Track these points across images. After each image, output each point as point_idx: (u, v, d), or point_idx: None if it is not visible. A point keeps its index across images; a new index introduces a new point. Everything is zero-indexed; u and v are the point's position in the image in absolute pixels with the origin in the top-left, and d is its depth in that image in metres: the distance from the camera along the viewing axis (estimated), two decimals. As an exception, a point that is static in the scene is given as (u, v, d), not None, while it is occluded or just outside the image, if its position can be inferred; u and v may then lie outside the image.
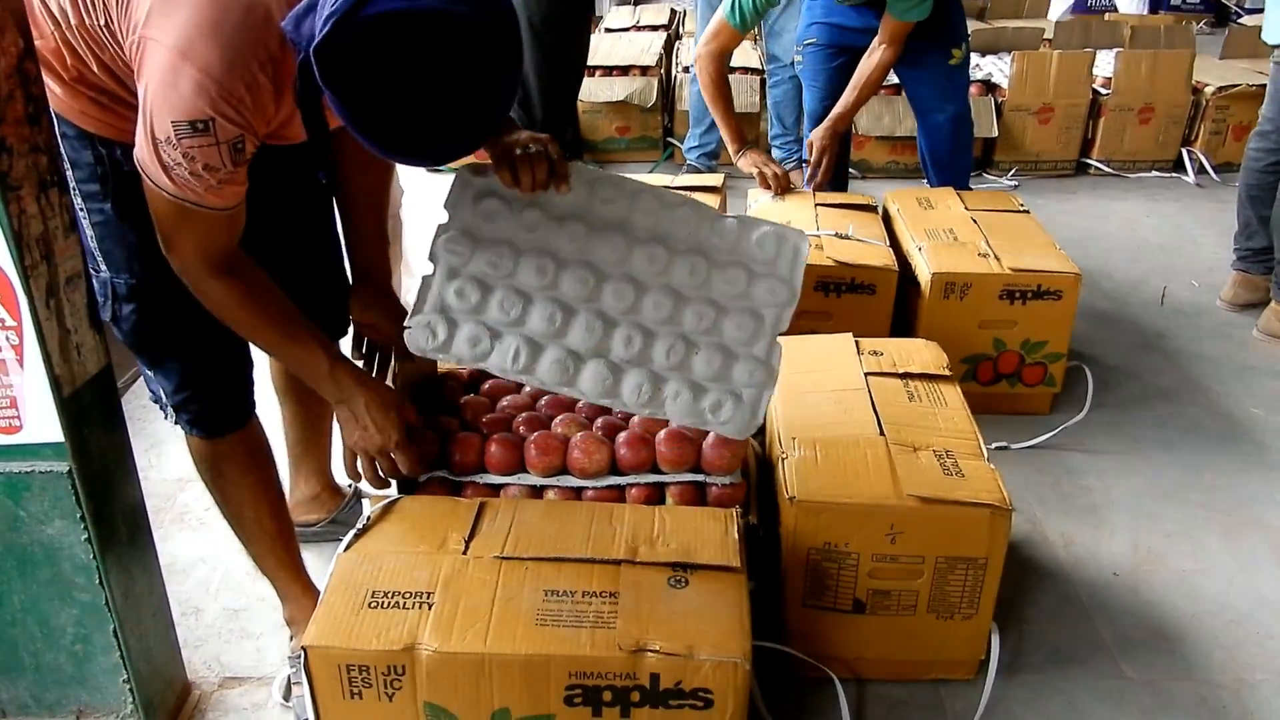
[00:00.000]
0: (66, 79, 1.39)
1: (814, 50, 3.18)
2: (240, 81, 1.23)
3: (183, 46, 1.20)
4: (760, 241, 1.63)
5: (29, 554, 1.49)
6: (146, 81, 1.23)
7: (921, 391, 1.92)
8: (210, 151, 1.24)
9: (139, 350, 1.56)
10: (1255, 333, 3.04)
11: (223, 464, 1.66)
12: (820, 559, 1.67)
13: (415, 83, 1.12)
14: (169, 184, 1.26)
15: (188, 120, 1.21)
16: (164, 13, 1.21)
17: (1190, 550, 2.13)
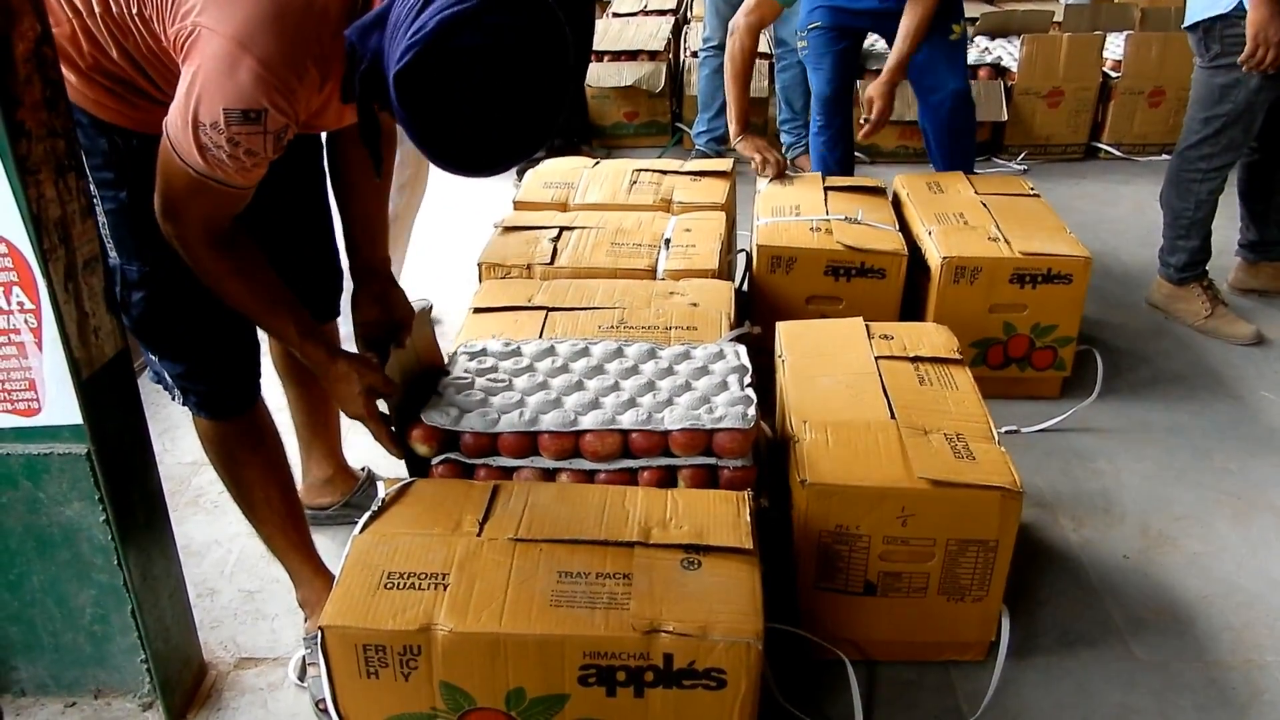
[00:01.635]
0: (83, 68, 1.40)
1: (818, 34, 3.20)
2: (294, 74, 1.27)
3: (242, 37, 1.22)
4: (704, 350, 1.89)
5: (48, 535, 1.50)
6: (198, 66, 1.24)
7: (932, 375, 1.92)
8: (256, 139, 1.27)
9: (145, 336, 1.58)
10: (1144, 304, 3.13)
11: (230, 445, 1.68)
12: (832, 541, 1.68)
13: (488, 111, 1.17)
14: (200, 162, 1.28)
15: (241, 109, 1.24)
16: (223, 3, 1.24)
17: (1200, 533, 2.14)
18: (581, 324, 2.07)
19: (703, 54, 4.16)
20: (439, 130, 1.19)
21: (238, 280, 1.45)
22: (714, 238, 2.44)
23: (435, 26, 1.12)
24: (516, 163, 1.25)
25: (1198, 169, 2.85)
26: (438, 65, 1.14)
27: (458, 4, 1.13)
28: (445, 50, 1.13)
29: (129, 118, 1.44)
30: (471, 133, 1.19)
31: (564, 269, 2.35)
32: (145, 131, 1.43)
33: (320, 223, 1.84)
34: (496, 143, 1.21)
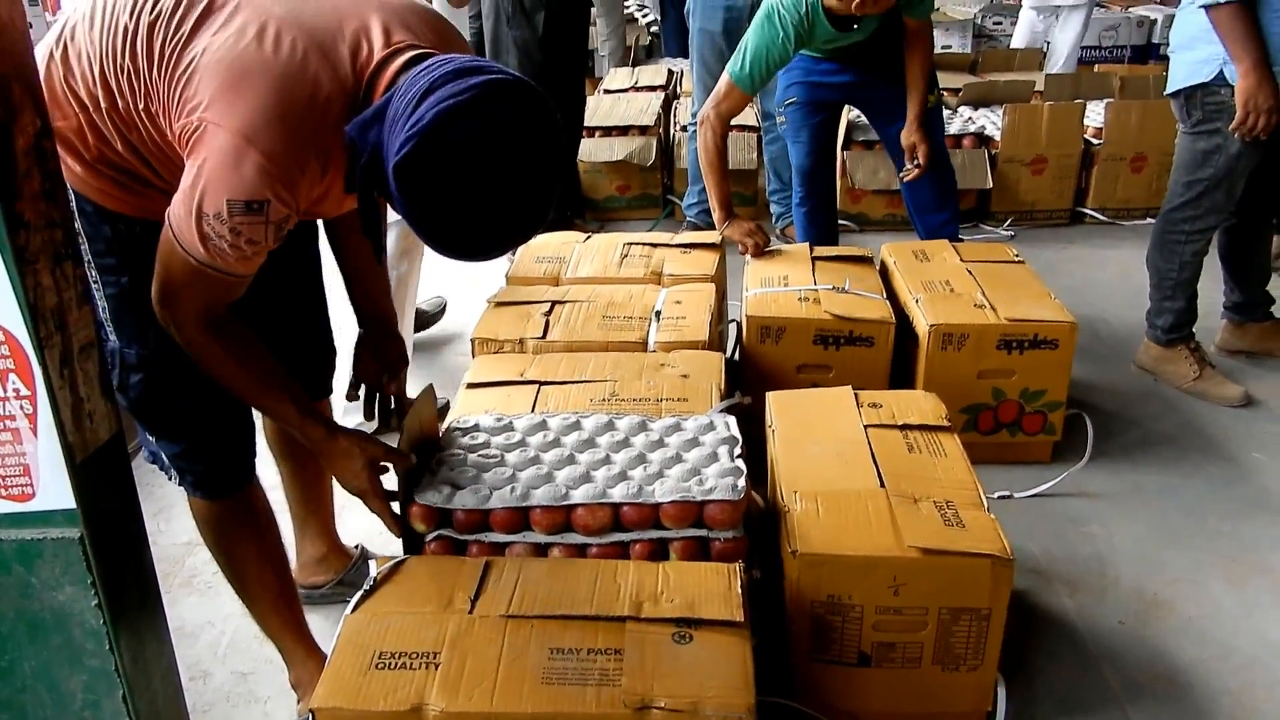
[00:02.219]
0: (88, 159, 1.44)
1: (795, 109, 3.30)
2: (297, 167, 1.31)
3: (248, 131, 1.27)
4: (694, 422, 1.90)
5: (40, 621, 1.50)
6: (203, 160, 1.29)
7: (921, 443, 1.94)
8: (259, 229, 1.31)
9: (144, 417, 1.61)
10: (1132, 367, 3.14)
11: (225, 525, 1.70)
12: (824, 612, 1.68)
13: (485, 198, 1.22)
14: (201, 252, 1.32)
15: (245, 200, 1.28)
16: (229, 99, 1.28)
17: (1195, 596, 2.13)
18: (573, 397, 2.08)
19: (692, 128, 4.24)
20: (438, 218, 1.24)
21: (234, 364, 1.47)
22: (704, 309, 2.48)
23: (432, 118, 1.18)
24: (512, 247, 1.31)
25: (1181, 231, 2.90)
26: (435, 155, 1.19)
27: (453, 96, 1.19)
28: (442, 140, 1.18)
29: (132, 205, 1.49)
30: (469, 219, 1.24)
31: (556, 343, 2.38)
32: (148, 218, 1.47)
33: (313, 302, 1.87)
34: (493, 228, 1.26)
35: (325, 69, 1.33)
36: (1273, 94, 2.56)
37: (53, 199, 1.33)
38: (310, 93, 1.31)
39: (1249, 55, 2.55)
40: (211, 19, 1.34)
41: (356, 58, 1.35)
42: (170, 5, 1.36)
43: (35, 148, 1.29)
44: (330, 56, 1.33)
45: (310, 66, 1.32)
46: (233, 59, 1.30)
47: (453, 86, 1.20)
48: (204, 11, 1.35)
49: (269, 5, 1.35)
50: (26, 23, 1.31)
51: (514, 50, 3.84)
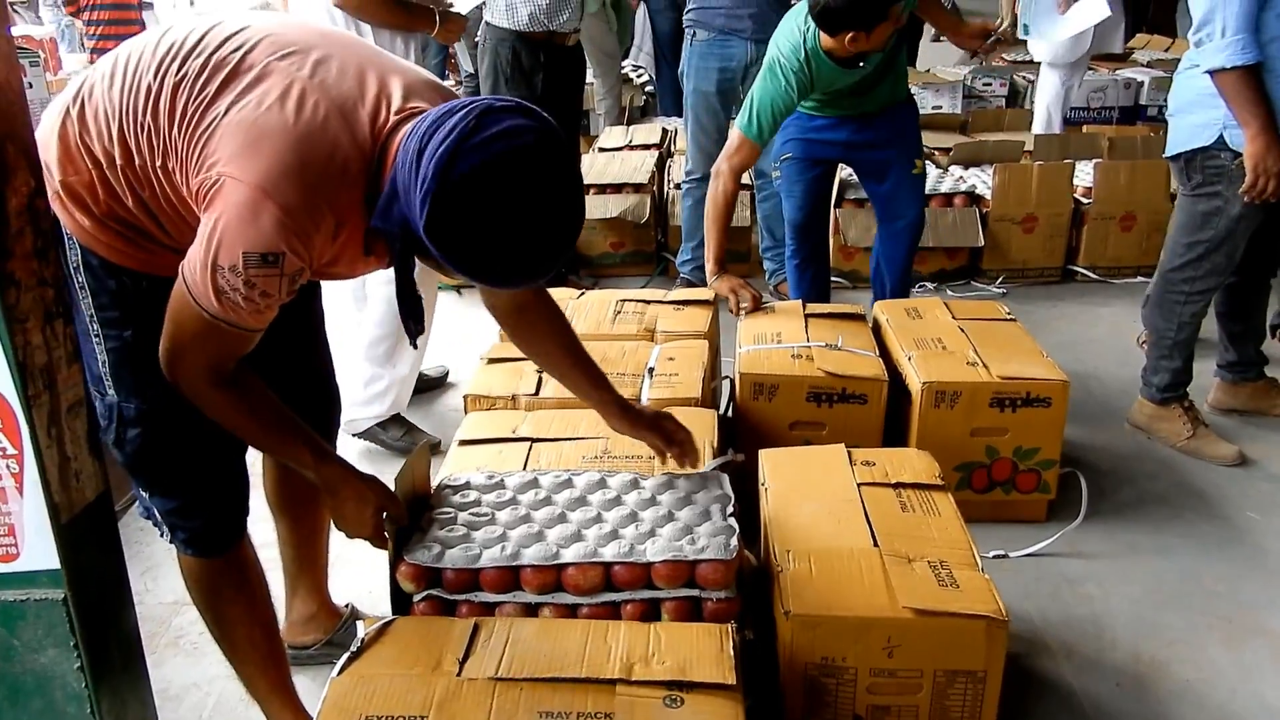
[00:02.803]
0: (97, 213, 1.46)
1: (791, 164, 3.35)
2: (313, 222, 1.33)
3: (266, 185, 1.29)
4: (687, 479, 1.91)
5: (21, 684, 1.47)
6: (220, 213, 1.31)
7: (914, 501, 1.93)
8: (273, 282, 1.33)
9: (139, 473, 1.60)
10: (1125, 425, 3.14)
11: (215, 583, 1.68)
12: (818, 674, 1.66)
13: (519, 215, 1.27)
14: (215, 306, 1.33)
15: (260, 253, 1.30)
16: (248, 155, 1.31)
17: (1192, 658, 2.11)
18: (565, 455, 2.08)
19: (685, 186, 4.28)
20: (487, 257, 1.29)
21: (246, 415, 1.48)
22: (697, 366, 2.48)
23: (434, 172, 1.23)
24: (568, 252, 1.36)
25: (1181, 291, 2.92)
26: (453, 202, 1.23)
27: (441, 144, 1.24)
28: (451, 186, 1.23)
29: (139, 261, 1.50)
30: (514, 243, 1.28)
31: (549, 400, 2.37)
32: (154, 274, 1.49)
33: (313, 347, 1.88)
34: (534, 241, 1.30)
35: (344, 131, 1.36)
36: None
37: (44, 258, 1.33)
38: (329, 152, 1.34)
39: (1257, 119, 2.57)
40: (236, 81, 1.37)
41: (375, 121, 1.38)
42: (196, 68, 1.39)
43: (28, 207, 1.29)
44: (350, 119, 1.37)
45: (330, 128, 1.35)
46: (255, 119, 1.33)
47: (439, 136, 1.25)
48: (229, 74, 1.38)
49: (294, 70, 1.38)
50: (24, 84, 1.32)
51: (512, 109, 3.89)
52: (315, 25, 1.56)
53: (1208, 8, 2.59)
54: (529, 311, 1.78)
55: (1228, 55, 2.55)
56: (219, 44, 1.41)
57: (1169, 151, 2.90)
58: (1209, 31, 2.60)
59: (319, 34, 1.48)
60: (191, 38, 1.43)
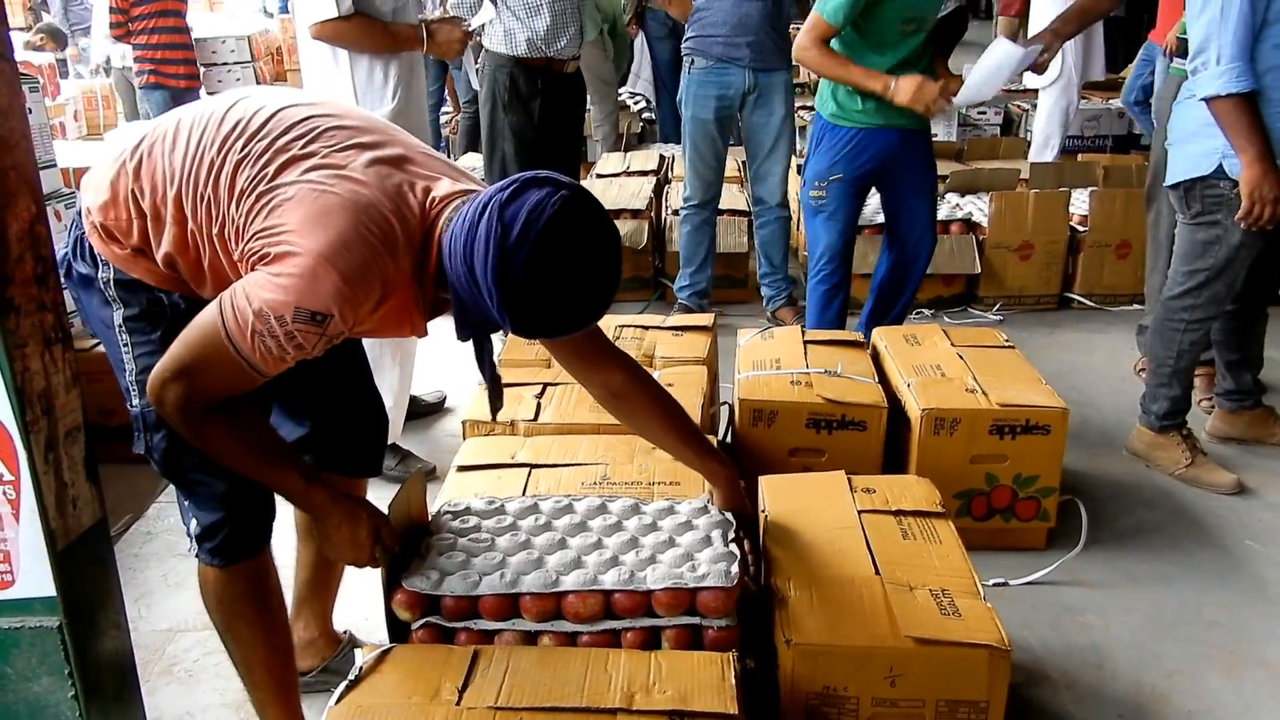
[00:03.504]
0: (129, 247, 1.55)
1: (839, 185, 3.28)
2: (366, 292, 1.41)
3: (330, 254, 1.37)
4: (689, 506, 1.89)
5: (13, 713, 1.46)
6: (282, 272, 1.38)
7: (915, 529, 1.92)
8: (312, 338, 1.40)
9: (172, 475, 1.66)
10: (1123, 452, 3.15)
11: (237, 602, 1.69)
12: (819, 704, 1.64)
13: (575, 276, 1.38)
14: (245, 345, 1.39)
15: (312, 310, 1.37)
16: (313, 228, 1.39)
17: (1193, 690, 2.10)
18: (565, 481, 2.07)
19: (684, 212, 4.29)
20: (566, 320, 1.43)
21: (233, 441, 1.50)
22: (696, 392, 2.47)
23: (495, 283, 1.35)
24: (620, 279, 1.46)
25: (1180, 319, 2.92)
26: (524, 298, 1.36)
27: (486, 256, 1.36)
28: (516, 289, 1.36)
29: (172, 283, 1.58)
30: (583, 296, 1.40)
31: (548, 425, 2.37)
32: (187, 293, 1.58)
33: (358, 378, 1.93)
34: (600, 282, 1.41)
35: (395, 214, 1.45)
36: (1277, 184, 2.58)
37: (44, 283, 1.33)
38: (384, 231, 1.42)
39: (1253, 146, 2.58)
40: (297, 165, 1.46)
41: (422, 207, 1.49)
42: (259, 150, 1.48)
43: (29, 233, 1.30)
44: (400, 203, 1.46)
45: (384, 209, 1.44)
46: (317, 198, 1.42)
47: (480, 251, 1.36)
48: (290, 160, 1.47)
49: (350, 159, 1.47)
50: (26, 110, 1.32)
51: (510, 136, 3.90)
52: (370, 117, 1.65)
53: (1203, 36, 2.61)
54: (633, 396, 1.81)
55: (1223, 83, 2.57)
56: (283, 131, 1.49)
57: (1169, 181, 2.91)
58: (1204, 59, 2.61)
59: (376, 126, 1.59)
60: (258, 119, 1.51)
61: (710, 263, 4.34)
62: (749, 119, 4.11)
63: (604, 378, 1.78)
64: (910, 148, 3.23)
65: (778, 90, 4.04)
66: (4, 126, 1.24)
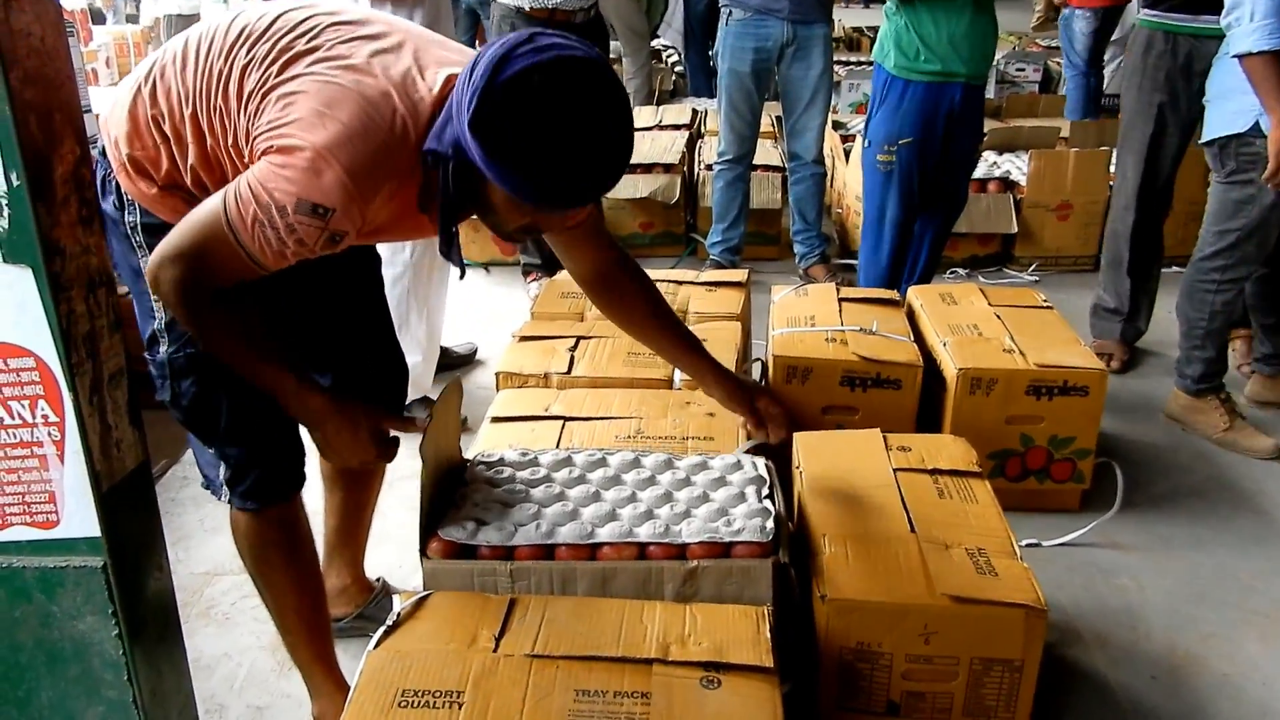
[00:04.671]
0: (160, 183, 1.53)
1: (909, 149, 3.19)
2: (372, 187, 1.37)
3: (332, 147, 1.33)
4: None
5: (59, 650, 1.48)
6: (286, 164, 1.34)
7: (951, 488, 1.91)
8: (314, 233, 1.36)
9: (197, 426, 1.65)
10: (1161, 416, 3.11)
11: (269, 549, 1.71)
12: (853, 659, 1.64)
13: (563, 119, 1.26)
14: (245, 233, 1.35)
15: (314, 203, 1.33)
16: (316, 122, 1.35)
17: (1229, 653, 2.09)
18: (599, 434, 2.07)
19: (718, 167, 4.25)
20: (533, 164, 1.27)
21: (229, 330, 1.47)
22: (729, 348, 2.46)
23: (485, 72, 1.26)
24: (617, 174, 1.34)
25: (1212, 280, 2.87)
26: (502, 99, 1.25)
27: (494, 53, 1.28)
28: (501, 84, 1.24)
29: None
30: (562, 151, 1.27)
31: (581, 379, 2.37)
32: None
33: (380, 330, 1.92)
34: (591, 152, 1.29)
35: (404, 100, 1.40)
36: None
37: (89, 226, 1.33)
38: (390, 121, 1.38)
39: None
40: (301, 61, 1.42)
41: (432, 89, 1.43)
42: (264, 51, 1.45)
43: (74, 175, 1.29)
44: (410, 90, 1.41)
45: (391, 99, 1.39)
46: (321, 90, 1.38)
47: (492, 50, 1.29)
48: (294, 56, 1.43)
49: (356, 50, 1.43)
50: (70, 54, 1.31)
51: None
52: (375, 12, 1.61)
53: None
54: (616, 281, 1.77)
55: (1255, 39, 2.52)
56: (287, 31, 1.46)
57: (1204, 138, 2.86)
58: (1238, 16, 2.56)
59: (381, 18, 1.54)
60: (261, 24, 1.48)
61: (744, 219, 4.31)
62: (786, 72, 4.05)
63: (590, 258, 1.75)
64: (971, 103, 3.18)
65: (816, 43, 3.97)
66: (50, 67, 1.24)
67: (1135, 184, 3.26)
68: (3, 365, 1.31)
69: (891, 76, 3.14)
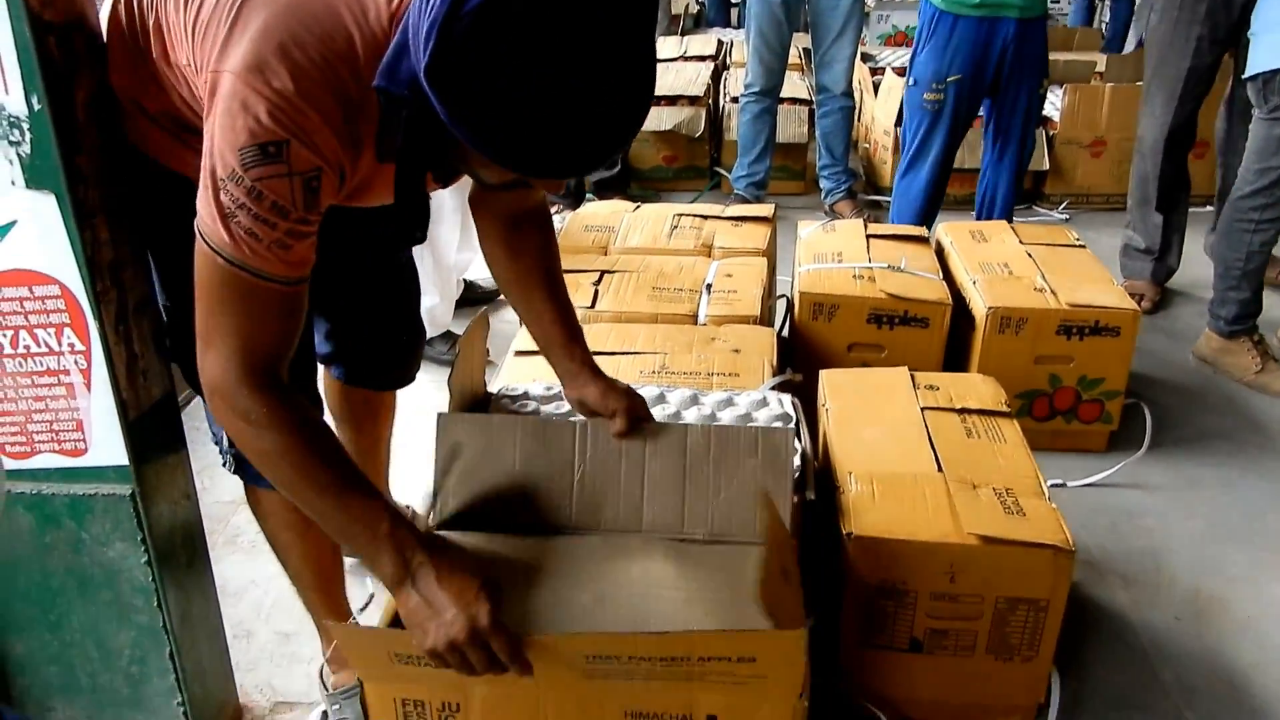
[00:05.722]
0: (150, 111, 1.30)
1: (957, 86, 3.12)
2: (315, 109, 1.08)
3: (253, 66, 1.07)
4: None
5: (89, 576, 1.50)
6: (213, 114, 1.09)
7: (980, 427, 1.89)
8: (281, 184, 1.07)
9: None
10: (1191, 358, 3.07)
11: (272, 516, 1.61)
12: (877, 596, 1.64)
13: (539, 66, 0.93)
14: (226, 240, 1.08)
15: (258, 144, 1.06)
16: (236, 42, 1.10)
17: (1253, 595, 2.08)
18: (623, 369, 2.05)
19: (744, 99, 4.17)
20: (505, 119, 0.95)
21: (296, 441, 1.13)
22: (755, 283, 2.43)
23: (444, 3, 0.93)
24: (626, 136, 1.02)
25: (1250, 219, 2.81)
26: (467, 33, 0.92)
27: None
28: (465, 13, 0.92)
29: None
30: (535, 102, 0.94)
31: (605, 313, 2.35)
32: None
33: (403, 274, 1.84)
34: (588, 101, 0.95)
35: (348, 10, 1.12)
36: None
37: (111, 153, 1.31)
38: (326, 30, 1.10)
39: None
40: None
41: (390, 3, 1.13)
42: None
43: (95, 100, 1.27)
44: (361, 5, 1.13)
45: (330, 5, 1.12)
46: (246, 9, 1.11)
47: None
48: None
49: None
50: (88, -29, 1.28)
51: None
52: None
53: None
54: (522, 228, 1.49)
55: None
56: None
57: (1248, 72, 2.78)
58: None
59: None
60: None
61: (769, 153, 4.24)
62: (816, 2, 3.96)
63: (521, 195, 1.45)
64: (1028, 39, 3.08)
65: (848, -28, 3.88)
66: (69, -14, 1.21)
67: (1166, 121, 3.18)
68: (28, 293, 1.31)
69: (939, 11, 3.06)
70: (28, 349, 1.34)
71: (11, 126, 1.21)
